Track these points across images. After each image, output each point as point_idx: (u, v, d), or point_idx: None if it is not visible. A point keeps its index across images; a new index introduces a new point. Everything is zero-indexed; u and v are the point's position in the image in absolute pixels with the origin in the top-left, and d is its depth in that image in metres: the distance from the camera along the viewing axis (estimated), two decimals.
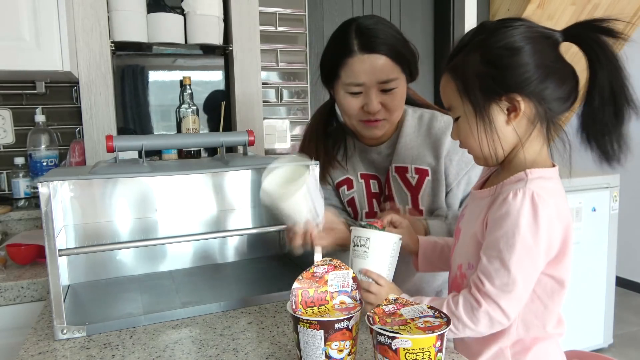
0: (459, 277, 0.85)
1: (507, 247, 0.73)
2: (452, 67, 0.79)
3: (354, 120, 1.07)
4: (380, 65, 0.99)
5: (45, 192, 0.80)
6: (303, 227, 0.93)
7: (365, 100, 1.02)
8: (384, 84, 1.01)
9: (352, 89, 1.02)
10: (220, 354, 0.77)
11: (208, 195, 1.21)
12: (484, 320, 0.75)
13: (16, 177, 1.70)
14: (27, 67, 1.45)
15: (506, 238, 0.73)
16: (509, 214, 0.73)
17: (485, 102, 0.75)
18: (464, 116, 0.79)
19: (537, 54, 0.73)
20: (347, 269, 0.74)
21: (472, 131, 0.77)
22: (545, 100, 0.74)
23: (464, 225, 0.86)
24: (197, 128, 1.76)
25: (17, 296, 1.21)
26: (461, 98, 0.77)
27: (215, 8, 1.75)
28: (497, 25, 0.75)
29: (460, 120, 0.80)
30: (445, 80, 0.81)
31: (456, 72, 0.78)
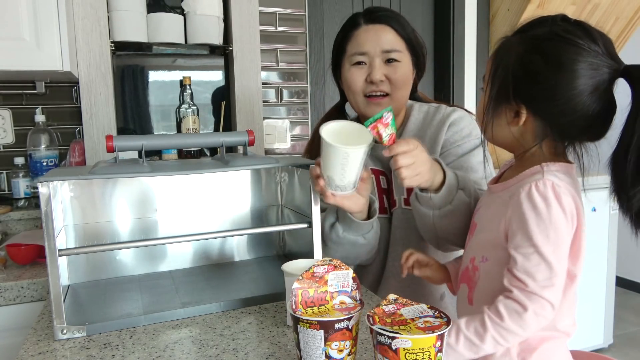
0: (470, 270, 0.83)
1: (542, 240, 0.71)
2: (502, 45, 0.78)
3: (359, 97, 1.07)
4: (384, 35, 1.03)
5: (45, 192, 0.80)
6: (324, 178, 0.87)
7: (369, 70, 1.05)
8: (387, 54, 1.03)
9: (356, 59, 1.05)
10: (220, 354, 0.77)
11: (208, 195, 1.21)
12: (533, 321, 0.71)
13: (16, 177, 1.70)
14: (27, 67, 1.45)
15: (539, 231, 0.71)
16: (537, 207, 0.72)
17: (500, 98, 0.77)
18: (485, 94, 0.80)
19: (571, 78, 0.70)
20: (347, 269, 0.74)
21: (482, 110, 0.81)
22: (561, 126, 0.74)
23: (480, 219, 0.85)
24: (197, 128, 1.76)
25: (17, 296, 1.21)
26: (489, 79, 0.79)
27: (215, 8, 1.75)
28: (563, 33, 0.71)
29: (482, 94, 0.81)
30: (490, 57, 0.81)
31: (499, 53, 0.78)
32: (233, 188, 1.23)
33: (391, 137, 0.82)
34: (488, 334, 0.72)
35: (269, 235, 1.26)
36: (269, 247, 1.27)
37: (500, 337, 0.72)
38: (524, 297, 0.71)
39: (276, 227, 1.15)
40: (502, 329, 0.72)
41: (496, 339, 0.72)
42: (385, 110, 0.82)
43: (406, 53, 1.05)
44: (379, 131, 0.81)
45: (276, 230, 1.23)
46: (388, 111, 0.82)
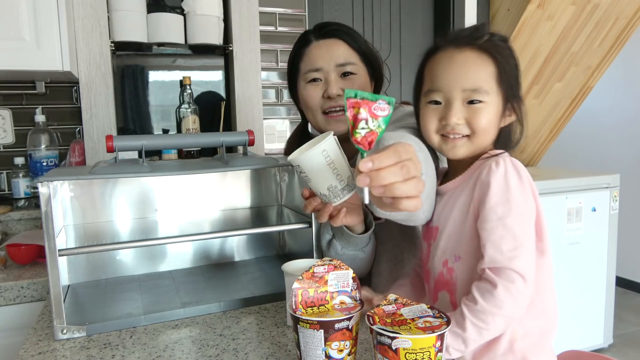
0: (445, 274, 0.83)
1: (505, 211, 0.73)
2: (489, 47, 0.78)
3: (318, 114, 1.06)
4: (336, 48, 1.02)
5: (45, 192, 0.80)
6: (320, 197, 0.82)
7: (325, 86, 1.03)
8: (342, 67, 1.02)
9: (311, 76, 1.04)
10: (220, 354, 0.77)
11: (208, 195, 1.21)
12: (506, 297, 0.71)
13: (16, 177, 1.70)
14: (27, 67, 1.45)
15: (501, 203, 0.73)
16: (497, 181, 0.74)
17: (510, 99, 0.79)
18: (491, 103, 0.78)
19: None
20: (347, 269, 0.74)
21: (493, 120, 0.79)
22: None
23: (440, 221, 0.84)
24: (197, 128, 1.76)
25: (17, 296, 1.21)
26: (498, 85, 0.78)
27: (215, 8, 1.75)
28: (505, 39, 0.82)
29: (485, 106, 0.77)
30: (476, 59, 0.78)
31: (495, 54, 0.77)
32: (233, 188, 1.23)
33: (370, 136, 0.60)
34: (467, 321, 0.72)
35: (269, 235, 1.26)
36: (269, 247, 1.27)
37: (478, 321, 0.72)
38: (492, 274, 0.72)
39: (276, 227, 1.15)
40: (478, 312, 0.72)
41: (475, 324, 0.72)
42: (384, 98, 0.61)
43: (361, 65, 1.04)
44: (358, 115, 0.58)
45: (276, 230, 1.23)
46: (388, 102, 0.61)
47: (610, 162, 3.48)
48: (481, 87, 0.77)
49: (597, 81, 2.96)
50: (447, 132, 0.79)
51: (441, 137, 0.81)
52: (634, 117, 3.43)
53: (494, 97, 0.78)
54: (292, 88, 1.13)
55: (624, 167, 3.28)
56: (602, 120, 3.59)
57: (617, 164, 3.40)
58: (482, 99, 0.77)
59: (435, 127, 0.81)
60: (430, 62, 0.83)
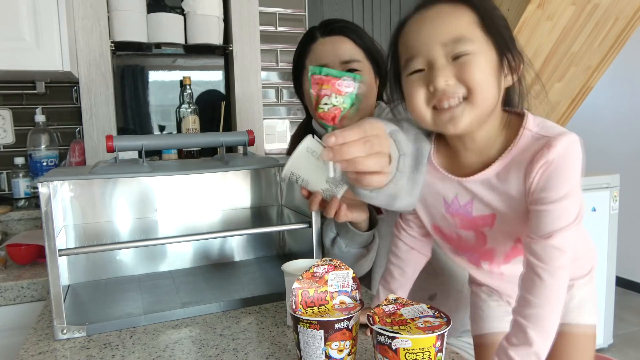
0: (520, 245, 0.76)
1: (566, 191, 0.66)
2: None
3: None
4: (342, 45, 1.02)
5: (45, 192, 0.80)
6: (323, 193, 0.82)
7: None
8: (347, 64, 1.01)
9: None
10: (220, 354, 0.77)
11: (208, 195, 1.21)
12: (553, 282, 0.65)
13: (16, 177, 1.70)
14: (27, 67, 1.45)
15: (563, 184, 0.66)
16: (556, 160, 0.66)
17: (505, 48, 0.69)
18: (481, 52, 0.68)
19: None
20: (347, 269, 0.74)
21: (487, 73, 0.68)
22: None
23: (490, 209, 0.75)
24: (197, 128, 1.76)
25: (17, 296, 1.21)
26: (483, 32, 0.68)
27: (215, 8, 1.75)
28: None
29: (474, 57, 0.67)
30: (451, 10, 0.69)
31: (473, 2, 0.69)
32: (233, 188, 1.23)
33: (334, 111, 0.59)
34: (529, 330, 0.65)
35: (269, 235, 1.26)
36: (269, 247, 1.27)
37: (539, 325, 0.65)
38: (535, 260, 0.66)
39: (276, 227, 1.15)
40: (537, 317, 0.65)
41: (538, 329, 0.65)
42: (350, 74, 0.61)
43: (366, 62, 1.04)
44: (321, 92, 0.58)
45: (276, 230, 1.23)
46: (354, 79, 0.61)
47: (610, 162, 3.48)
48: (463, 35, 0.67)
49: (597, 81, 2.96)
50: (440, 99, 0.68)
51: (433, 110, 0.70)
52: (634, 117, 3.44)
53: (482, 46, 0.67)
54: (297, 84, 1.13)
55: (624, 167, 3.28)
56: (602, 120, 3.59)
57: (617, 164, 3.40)
58: (468, 50, 0.66)
59: (424, 97, 0.69)
60: (401, 35, 0.73)
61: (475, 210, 0.77)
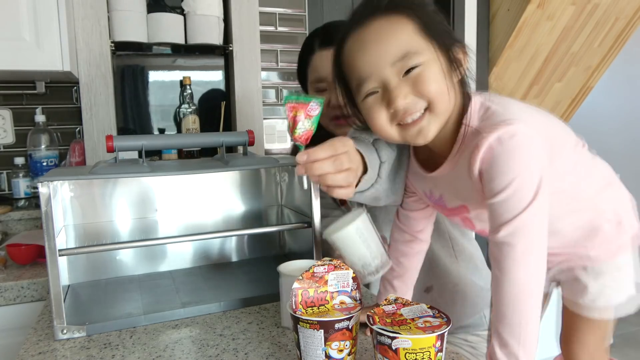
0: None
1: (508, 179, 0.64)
2: (403, 7, 0.69)
3: (326, 119, 1.08)
4: None
5: (45, 192, 0.80)
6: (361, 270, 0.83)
7: (329, 95, 1.05)
8: None
9: (317, 86, 1.06)
10: (220, 354, 0.77)
11: (208, 195, 1.21)
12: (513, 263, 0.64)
13: (16, 177, 1.70)
14: (27, 67, 1.45)
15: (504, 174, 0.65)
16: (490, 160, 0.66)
17: (450, 46, 0.69)
18: (429, 62, 0.68)
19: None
20: (347, 269, 0.74)
21: (441, 80, 0.68)
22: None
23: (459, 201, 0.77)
24: (197, 128, 1.76)
25: (17, 296, 1.21)
26: (426, 39, 0.68)
27: (215, 8, 1.75)
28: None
29: (425, 68, 0.67)
30: (391, 24, 0.68)
31: (413, 10, 0.68)
32: (233, 188, 1.23)
33: (306, 134, 0.68)
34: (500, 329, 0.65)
35: (269, 235, 1.26)
36: (269, 247, 1.27)
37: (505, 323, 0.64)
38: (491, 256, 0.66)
39: (276, 227, 1.15)
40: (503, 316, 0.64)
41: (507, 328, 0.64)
42: (315, 99, 0.68)
43: None
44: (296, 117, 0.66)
45: (276, 230, 1.23)
46: (318, 103, 0.69)
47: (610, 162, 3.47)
48: (409, 49, 0.67)
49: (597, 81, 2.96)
50: (403, 116, 0.69)
51: (398, 127, 0.71)
52: (634, 117, 3.43)
53: (429, 54, 0.68)
54: (304, 87, 1.15)
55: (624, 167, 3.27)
56: (602, 120, 3.59)
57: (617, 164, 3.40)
58: (418, 62, 0.67)
59: (386, 118, 0.70)
60: (343, 55, 0.74)
61: (448, 202, 0.80)
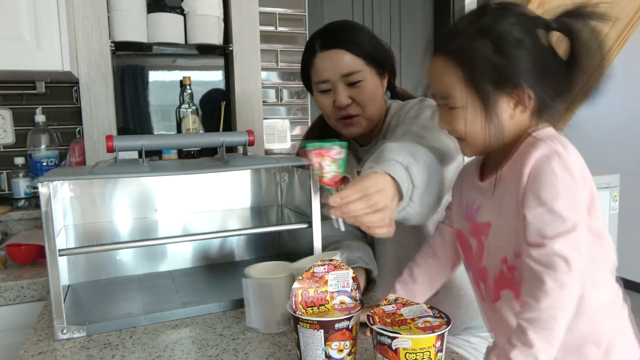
0: (506, 272, 0.76)
1: (551, 195, 0.66)
2: (454, 52, 0.73)
3: (333, 120, 1.09)
4: (340, 59, 1.02)
5: (45, 192, 0.80)
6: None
7: (334, 96, 1.05)
8: (347, 77, 1.03)
9: (321, 87, 1.06)
10: (220, 354, 0.77)
11: (208, 195, 1.21)
12: (554, 288, 0.63)
13: (16, 177, 1.70)
14: (27, 67, 1.45)
15: (545, 188, 0.67)
16: (539, 163, 0.68)
17: (495, 94, 0.72)
18: (466, 107, 0.73)
19: (540, 44, 0.72)
20: (347, 269, 0.74)
21: (477, 122, 0.73)
22: (545, 93, 0.73)
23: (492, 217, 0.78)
24: (197, 128, 1.76)
25: (17, 296, 1.21)
26: (466, 87, 0.73)
27: (215, 8, 1.75)
28: (503, 11, 0.73)
29: (460, 111, 0.74)
30: (442, 66, 0.75)
31: (461, 58, 0.73)
32: (233, 188, 1.23)
33: (335, 177, 0.69)
34: (530, 333, 0.64)
35: (269, 235, 1.26)
36: (269, 247, 1.27)
37: (542, 329, 0.63)
38: (538, 265, 0.65)
39: (276, 227, 1.15)
40: (537, 320, 0.64)
41: (540, 333, 0.63)
42: (338, 143, 0.70)
43: (368, 70, 1.03)
44: (322, 163, 0.68)
45: (276, 230, 1.23)
46: (342, 147, 0.70)
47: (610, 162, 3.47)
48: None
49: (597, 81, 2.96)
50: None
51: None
52: (634, 117, 3.43)
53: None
54: (308, 88, 1.15)
55: (624, 167, 3.28)
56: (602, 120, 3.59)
57: (617, 164, 3.40)
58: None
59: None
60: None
61: (479, 216, 0.81)
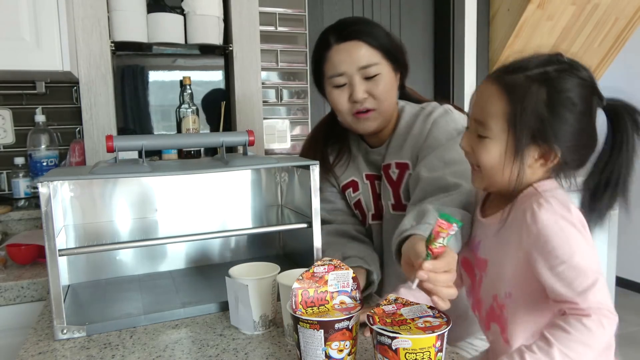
0: (496, 308, 0.80)
1: (567, 252, 0.69)
2: (509, 86, 0.74)
3: (346, 116, 1.06)
4: (357, 51, 1.00)
5: (45, 192, 0.80)
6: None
7: (350, 90, 1.03)
8: (365, 70, 1.01)
9: (335, 81, 1.03)
10: (220, 354, 0.77)
11: (208, 195, 1.21)
12: (598, 329, 0.66)
13: (16, 177, 1.70)
14: (27, 67, 1.45)
15: (560, 246, 0.70)
16: (548, 224, 0.71)
17: (528, 142, 0.73)
18: (496, 141, 0.74)
19: (588, 115, 0.74)
20: (347, 269, 0.74)
21: (500, 160, 0.75)
22: (572, 160, 0.75)
23: (488, 253, 0.82)
24: (197, 128, 1.76)
25: (17, 296, 1.21)
26: (505, 124, 0.73)
27: (215, 8, 1.75)
28: (571, 69, 0.73)
29: (489, 142, 0.75)
30: (491, 93, 0.75)
31: (513, 95, 0.73)
32: (233, 188, 1.23)
33: (440, 249, 0.73)
34: (555, 349, 0.66)
35: (269, 235, 1.26)
36: (269, 247, 1.27)
37: (568, 350, 0.66)
38: (580, 308, 0.68)
39: (276, 227, 1.15)
40: (569, 341, 0.66)
41: (565, 353, 0.66)
42: (459, 223, 0.74)
43: (384, 63, 1.02)
44: (440, 233, 0.72)
45: (276, 230, 1.23)
46: (459, 226, 0.74)
47: None
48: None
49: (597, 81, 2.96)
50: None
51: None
52: None
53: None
54: (319, 85, 1.12)
55: None
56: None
57: None
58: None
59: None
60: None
61: (480, 252, 0.84)
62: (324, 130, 1.20)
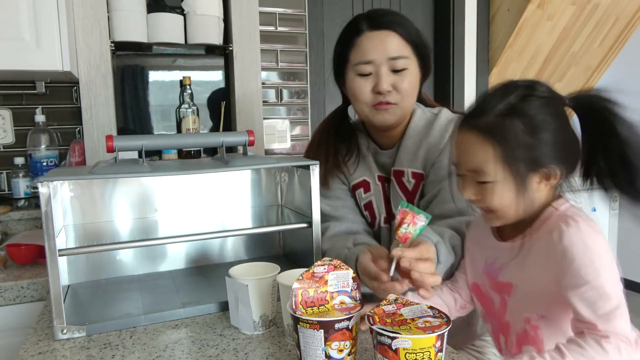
0: (529, 330, 0.81)
1: (591, 273, 0.70)
2: (487, 129, 0.75)
3: (366, 106, 1.03)
4: (389, 41, 0.98)
5: (45, 192, 0.80)
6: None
7: (375, 80, 1.00)
8: (394, 61, 0.98)
9: (361, 69, 1.00)
10: (220, 354, 0.77)
11: (208, 195, 1.21)
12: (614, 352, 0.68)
13: (16, 177, 1.70)
14: (27, 67, 1.45)
15: (585, 266, 0.71)
16: (574, 243, 0.72)
17: (527, 172, 0.75)
18: (500, 182, 0.76)
19: (566, 124, 0.77)
20: (347, 269, 0.74)
21: (508, 197, 0.76)
22: (567, 170, 0.77)
23: (515, 279, 0.82)
24: (197, 128, 1.76)
25: (17, 296, 1.21)
26: (500, 165, 0.75)
27: (215, 8, 1.75)
28: (530, 91, 0.75)
29: (494, 186, 0.76)
30: (474, 142, 0.77)
31: (495, 136, 0.74)
32: (233, 188, 1.23)
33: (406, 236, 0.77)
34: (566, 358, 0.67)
35: (269, 235, 1.26)
36: (269, 247, 1.27)
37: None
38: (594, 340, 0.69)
39: (276, 227, 1.15)
40: (581, 357, 0.67)
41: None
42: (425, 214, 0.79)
43: (413, 58, 1.01)
44: (403, 220, 0.76)
45: (276, 230, 1.23)
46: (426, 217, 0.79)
47: None
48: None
49: (597, 81, 2.96)
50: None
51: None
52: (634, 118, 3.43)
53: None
54: (338, 73, 1.08)
55: None
56: None
57: None
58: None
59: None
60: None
61: (501, 275, 0.84)
62: (335, 124, 1.16)
